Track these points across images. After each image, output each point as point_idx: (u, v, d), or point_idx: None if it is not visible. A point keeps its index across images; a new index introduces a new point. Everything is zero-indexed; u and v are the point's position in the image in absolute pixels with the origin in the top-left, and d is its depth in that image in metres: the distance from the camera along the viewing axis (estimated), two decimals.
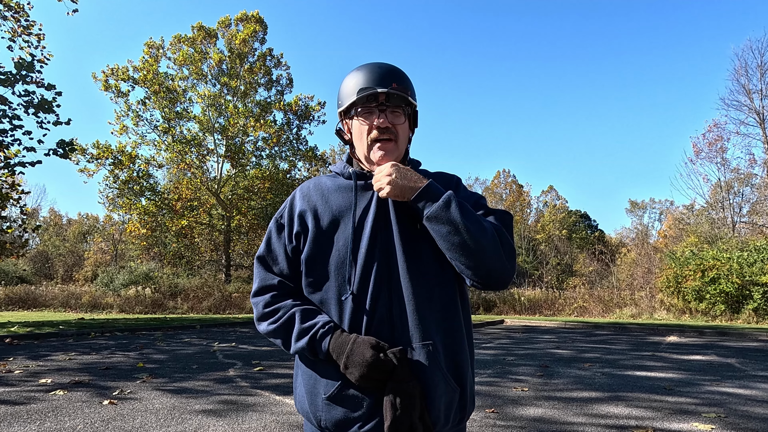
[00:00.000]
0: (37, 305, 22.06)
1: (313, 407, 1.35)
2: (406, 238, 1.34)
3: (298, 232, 1.41)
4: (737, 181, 26.03)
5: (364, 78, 1.40)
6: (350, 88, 1.41)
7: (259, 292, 1.44)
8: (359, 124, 1.42)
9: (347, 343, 1.28)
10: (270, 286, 1.43)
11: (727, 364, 7.89)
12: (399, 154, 1.43)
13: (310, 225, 1.40)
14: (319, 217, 1.40)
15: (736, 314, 16.69)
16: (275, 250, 1.45)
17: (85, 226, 52.07)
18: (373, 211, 1.37)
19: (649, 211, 57.17)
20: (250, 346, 9.92)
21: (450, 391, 1.32)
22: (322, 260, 1.37)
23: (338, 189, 1.44)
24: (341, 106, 1.46)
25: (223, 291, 22.62)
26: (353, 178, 1.42)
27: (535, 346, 10.30)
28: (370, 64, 1.43)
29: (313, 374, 1.36)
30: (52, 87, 13.85)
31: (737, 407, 5.00)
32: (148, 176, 25.67)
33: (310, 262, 1.38)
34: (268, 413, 4.71)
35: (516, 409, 4.93)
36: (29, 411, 4.63)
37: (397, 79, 1.40)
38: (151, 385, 5.95)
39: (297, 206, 1.44)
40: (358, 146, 1.45)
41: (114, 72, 24.83)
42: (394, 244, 1.34)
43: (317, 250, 1.37)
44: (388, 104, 1.39)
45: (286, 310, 1.37)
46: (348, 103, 1.42)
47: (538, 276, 35.77)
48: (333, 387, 1.31)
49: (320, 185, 1.47)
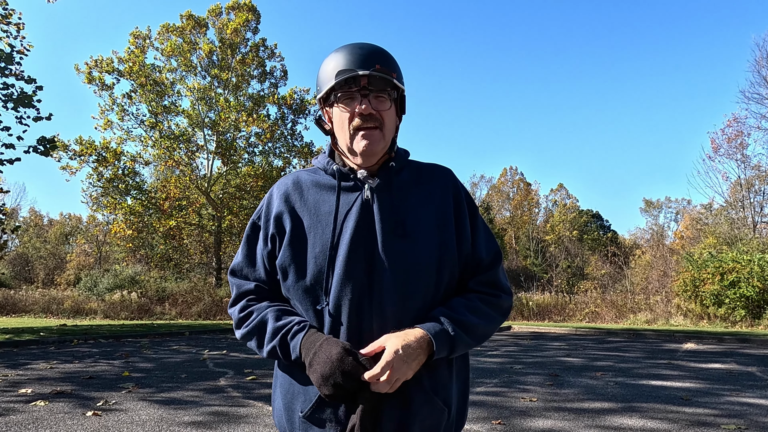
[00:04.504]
0: (17, 311, 22.07)
1: (290, 424, 1.33)
2: (391, 246, 1.29)
3: (273, 234, 1.37)
4: (758, 178, 26.04)
5: (343, 60, 1.32)
6: (328, 71, 1.34)
7: (235, 300, 1.42)
8: (340, 111, 1.34)
9: (317, 341, 1.24)
10: (246, 291, 1.40)
11: (747, 372, 7.89)
12: (385, 144, 1.36)
13: (287, 227, 1.35)
14: (297, 219, 1.35)
15: (757, 320, 16.69)
16: (251, 254, 1.42)
17: (67, 226, 52.12)
18: (356, 215, 1.31)
19: (664, 211, 57.33)
20: (241, 354, 9.92)
21: (436, 413, 1.29)
22: (298, 266, 1.32)
23: (319, 187, 1.39)
24: (320, 92, 1.38)
25: (214, 296, 22.63)
26: (337, 178, 1.37)
27: (544, 354, 10.30)
28: (351, 45, 1.35)
29: (291, 387, 1.33)
30: (32, 80, 13.87)
31: (759, 419, 5.00)
32: (134, 174, 25.67)
33: (285, 268, 1.34)
34: (260, 425, 4.70)
35: (524, 421, 4.93)
36: (8, 423, 4.63)
37: (381, 60, 1.32)
38: (138, 395, 5.94)
39: (274, 207, 1.40)
40: (339, 136, 1.37)
41: (98, 63, 24.84)
42: (378, 252, 1.29)
43: (293, 256, 1.33)
44: (371, 88, 1.31)
45: (260, 311, 1.35)
46: (326, 88, 1.34)
47: (547, 279, 35.75)
48: (310, 402, 1.27)
49: (299, 182, 1.41)
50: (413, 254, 1.30)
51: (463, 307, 1.32)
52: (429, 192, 1.40)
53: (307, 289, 1.31)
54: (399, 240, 1.30)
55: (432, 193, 1.40)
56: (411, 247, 1.30)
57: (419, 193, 1.39)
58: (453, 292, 1.38)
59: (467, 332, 1.29)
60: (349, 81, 1.31)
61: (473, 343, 1.33)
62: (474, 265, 1.40)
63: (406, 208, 1.35)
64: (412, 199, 1.37)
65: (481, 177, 58.38)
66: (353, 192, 1.35)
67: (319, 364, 1.20)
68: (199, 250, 29.15)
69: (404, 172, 1.41)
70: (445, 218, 1.37)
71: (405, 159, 1.44)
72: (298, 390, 1.31)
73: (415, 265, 1.30)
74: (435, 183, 1.42)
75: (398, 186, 1.38)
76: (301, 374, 1.30)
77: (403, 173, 1.41)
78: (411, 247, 1.30)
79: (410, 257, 1.30)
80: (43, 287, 36.48)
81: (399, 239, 1.30)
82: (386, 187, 1.36)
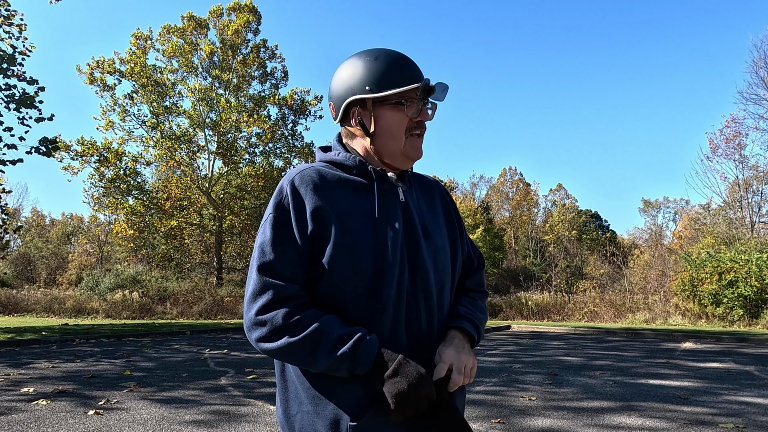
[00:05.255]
0: (19, 310, 22.08)
1: None
2: (426, 247, 1.37)
3: (312, 231, 1.26)
4: (756, 179, 26.03)
5: (407, 68, 1.36)
6: (393, 75, 1.33)
7: (274, 304, 1.23)
8: (397, 114, 1.34)
9: (398, 355, 1.23)
10: (290, 296, 1.24)
11: (745, 371, 7.90)
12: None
13: (328, 225, 1.27)
14: (337, 217, 1.28)
15: (755, 319, 16.69)
16: (285, 253, 1.26)
17: (69, 226, 52.11)
18: (398, 217, 1.34)
19: (663, 211, 57.38)
20: (242, 353, 9.92)
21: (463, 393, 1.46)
22: (348, 266, 1.26)
23: (348, 184, 1.35)
24: (373, 92, 1.33)
25: (215, 295, 22.64)
26: (375, 178, 1.35)
27: (543, 353, 10.31)
28: (397, 53, 1.38)
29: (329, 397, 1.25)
30: (34, 81, 13.87)
31: (757, 417, 5.00)
32: (135, 174, 25.68)
33: (332, 267, 1.25)
34: (261, 424, 4.71)
35: (523, 420, 4.93)
36: (10, 422, 4.64)
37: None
38: (139, 394, 5.95)
39: (308, 199, 1.29)
40: (386, 139, 1.35)
41: (99, 64, 24.85)
42: (420, 253, 1.34)
43: (342, 255, 1.25)
44: (431, 99, 1.40)
45: (315, 319, 1.23)
46: (392, 91, 1.31)
47: (546, 279, 35.79)
48: (363, 412, 1.23)
49: (325, 177, 1.34)
50: (440, 255, 1.40)
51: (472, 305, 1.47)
52: (433, 200, 1.50)
53: (360, 290, 1.27)
54: (427, 242, 1.38)
55: (435, 201, 1.50)
56: (436, 248, 1.40)
57: (426, 200, 1.48)
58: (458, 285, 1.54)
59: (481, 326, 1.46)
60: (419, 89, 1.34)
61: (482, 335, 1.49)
62: (467, 266, 1.56)
63: (422, 213, 1.43)
64: (424, 206, 1.46)
65: (480, 177, 58.32)
66: (389, 194, 1.37)
67: (406, 376, 1.19)
68: (200, 250, 29.15)
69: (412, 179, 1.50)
70: (450, 222, 1.50)
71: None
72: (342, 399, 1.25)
73: (444, 265, 1.40)
74: (434, 191, 1.52)
75: (416, 191, 1.47)
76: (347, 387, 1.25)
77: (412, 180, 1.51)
78: (436, 248, 1.40)
79: (439, 257, 1.39)
80: (45, 287, 36.47)
81: (427, 241, 1.38)
82: (411, 192, 1.43)
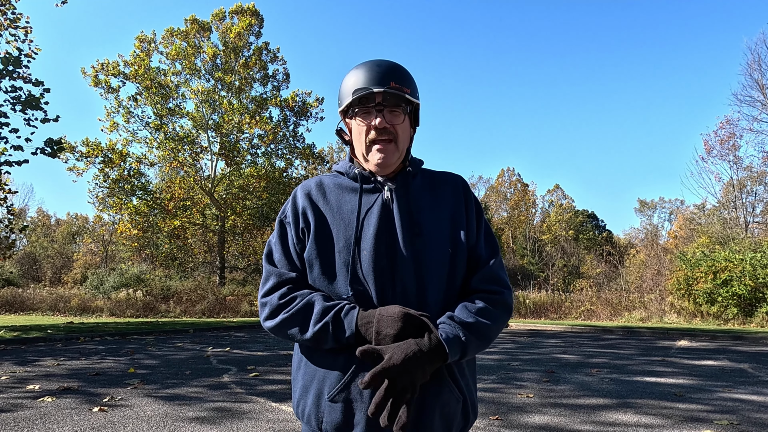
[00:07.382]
0: (25, 309, 22.07)
1: (315, 408, 1.34)
2: (410, 242, 1.38)
3: (302, 228, 1.43)
4: (750, 179, 26.05)
5: (361, 77, 1.41)
6: (348, 88, 1.44)
7: (274, 287, 1.40)
8: (357, 124, 1.44)
9: (374, 313, 1.28)
10: (288, 279, 1.40)
11: (739, 369, 7.89)
12: (399, 155, 1.45)
13: (312, 223, 1.41)
14: (320, 216, 1.42)
15: (749, 317, 16.69)
16: (287, 250, 1.45)
17: (74, 226, 52.10)
18: (377, 213, 1.40)
19: (659, 211, 57.32)
20: (245, 351, 9.92)
21: (453, 401, 1.34)
22: (323, 260, 1.38)
23: (341, 188, 1.47)
24: (340, 106, 1.49)
25: (217, 294, 22.65)
26: (359, 180, 1.45)
27: (541, 351, 10.31)
28: (369, 62, 1.45)
29: (317, 371, 1.36)
30: (40, 83, 13.86)
31: (751, 414, 5.00)
32: (139, 175, 25.69)
33: (311, 260, 1.40)
34: (263, 420, 4.71)
35: (521, 417, 4.93)
36: (16, 418, 4.63)
37: (396, 77, 1.41)
38: (143, 391, 5.94)
39: (299, 204, 1.46)
40: (357, 147, 1.47)
41: (104, 67, 24.85)
42: (399, 248, 1.37)
43: (319, 249, 1.39)
44: (385, 104, 1.40)
45: (304, 296, 1.36)
46: (345, 103, 1.44)
47: (543, 278, 35.72)
48: (339, 383, 1.31)
49: (322, 183, 1.49)
50: (429, 251, 1.39)
51: (471, 311, 1.36)
52: (441, 195, 1.49)
53: (332, 282, 1.37)
54: (416, 238, 1.39)
55: (444, 196, 1.49)
56: (426, 244, 1.39)
57: (432, 197, 1.48)
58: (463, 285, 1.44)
59: (478, 336, 1.33)
60: (365, 98, 1.40)
61: (483, 345, 1.36)
62: (475, 259, 1.46)
63: (420, 209, 1.44)
64: (425, 203, 1.47)
65: (479, 178, 58.35)
66: (374, 193, 1.45)
67: (388, 326, 1.24)
68: (203, 250, 29.16)
69: (418, 178, 1.51)
70: (457, 217, 1.46)
71: (419, 167, 1.54)
72: (326, 374, 1.34)
73: (431, 260, 1.38)
74: (447, 186, 1.51)
75: (414, 190, 1.47)
76: (331, 357, 1.34)
77: (417, 179, 1.51)
78: (426, 245, 1.39)
79: (426, 253, 1.38)
80: (51, 286, 36.48)
81: (416, 237, 1.39)
82: (403, 190, 1.45)
